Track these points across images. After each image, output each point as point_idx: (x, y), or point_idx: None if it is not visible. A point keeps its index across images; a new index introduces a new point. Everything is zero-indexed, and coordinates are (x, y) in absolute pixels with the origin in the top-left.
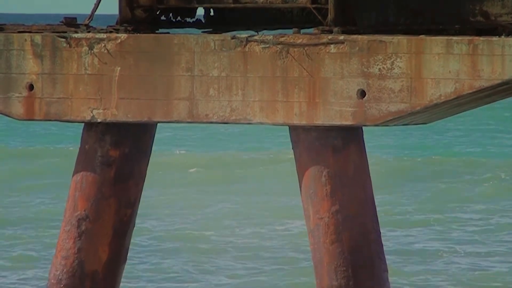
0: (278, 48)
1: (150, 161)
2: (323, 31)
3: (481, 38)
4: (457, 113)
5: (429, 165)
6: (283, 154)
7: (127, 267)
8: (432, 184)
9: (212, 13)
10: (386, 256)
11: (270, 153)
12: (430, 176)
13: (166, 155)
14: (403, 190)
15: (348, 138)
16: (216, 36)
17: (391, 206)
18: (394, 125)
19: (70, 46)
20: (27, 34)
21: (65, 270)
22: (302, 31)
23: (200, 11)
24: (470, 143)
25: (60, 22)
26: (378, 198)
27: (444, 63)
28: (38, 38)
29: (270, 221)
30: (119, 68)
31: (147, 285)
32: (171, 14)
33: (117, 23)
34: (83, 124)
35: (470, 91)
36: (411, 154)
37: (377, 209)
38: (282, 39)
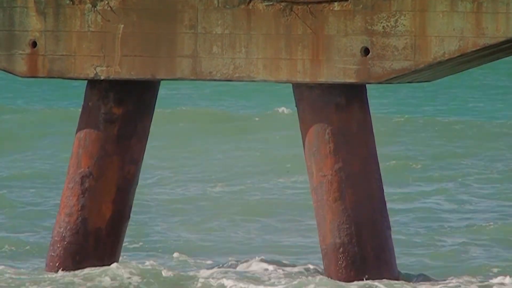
0: (281, 6)
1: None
2: None
3: None
4: (460, 71)
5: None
6: None
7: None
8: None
9: None
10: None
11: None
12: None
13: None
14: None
15: (352, 95)
16: None
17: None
18: (398, 82)
19: (73, 3)
20: None
21: (68, 227)
22: None
23: None
24: None
25: None
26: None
27: (448, 20)
28: None
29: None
30: (122, 26)
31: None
32: None
33: None
34: (86, 81)
35: (474, 49)
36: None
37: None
38: None
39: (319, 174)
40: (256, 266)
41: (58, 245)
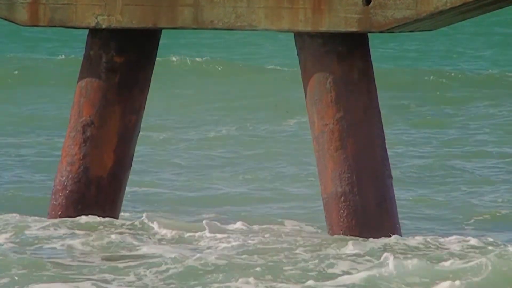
0: None
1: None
2: None
3: None
4: (462, 20)
5: None
6: None
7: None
8: None
9: None
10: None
11: None
12: None
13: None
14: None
15: (353, 45)
16: None
17: None
18: (400, 31)
19: None
20: None
21: (70, 176)
22: None
23: None
24: None
25: None
26: None
27: None
28: None
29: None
30: None
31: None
32: None
33: None
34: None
35: None
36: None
37: None
38: None
39: (321, 123)
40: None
41: (60, 194)
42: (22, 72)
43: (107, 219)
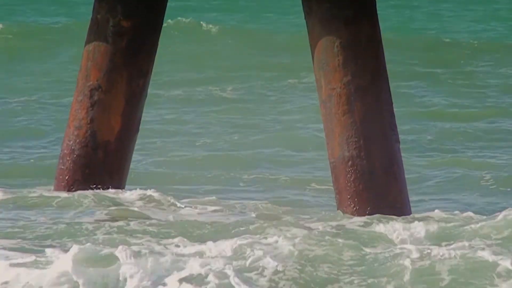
0: None
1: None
2: None
3: None
4: None
5: None
6: None
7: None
8: None
9: None
10: None
11: None
12: None
13: None
14: None
15: (361, 9)
16: None
17: None
18: None
19: None
20: None
21: (77, 140)
22: None
23: None
24: None
25: None
26: None
27: None
28: None
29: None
30: None
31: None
32: None
33: None
34: None
35: None
36: None
37: None
38: None
39: (328, 87)
40: None
41: (68, 158)
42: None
43: None
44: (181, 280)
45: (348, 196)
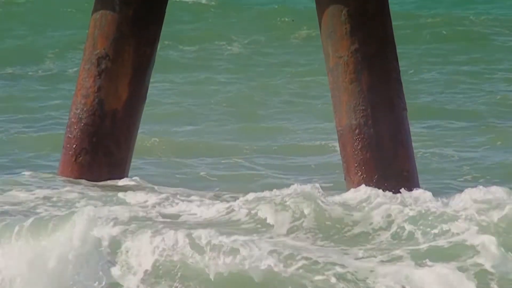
0: None
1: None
2: None
3: None
4: None
5: None
6: None
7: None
8: None
9: None
10: None
11: None
12: None
13: None
14: None
15: None
16: None
17: None
18: None
19: None
20: None
21: (85, 108)
22: None
23: None
24: None
25: None
26: None
27: None
28: None
29: None
30: None
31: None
32: None
33: None
34: None
35: None
36: None
37: None
38: None
39: (335, 55)
40: None
41: (75, 127)
42: None
43: None
44: None
45: (356, 165)
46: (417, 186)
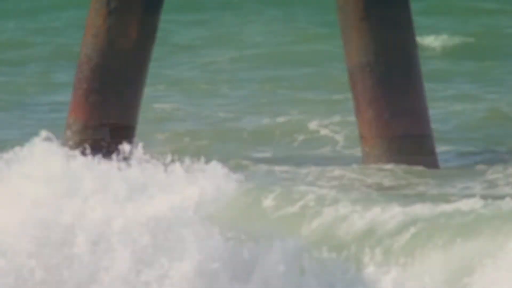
0: None
1: None
2: None
3: None
4: None
5: None
6: None
7: None
8: None
9: None
10: None
11: None
12: None
13: None
14: None
15: None
16: None
17: None
18: None
19: None
20: None
21: (95, 48)
22: None
23: None
24: None
25: None
26: None
27: None
28: None
29: None
30: None
31: None
32: None
33: None
34: None
35: None
36: None
37: None
38: None
39: None
40: None
41: (86, 67)
42: None
43: None
44: None
45: (366, 103)
46: (427, 124)
